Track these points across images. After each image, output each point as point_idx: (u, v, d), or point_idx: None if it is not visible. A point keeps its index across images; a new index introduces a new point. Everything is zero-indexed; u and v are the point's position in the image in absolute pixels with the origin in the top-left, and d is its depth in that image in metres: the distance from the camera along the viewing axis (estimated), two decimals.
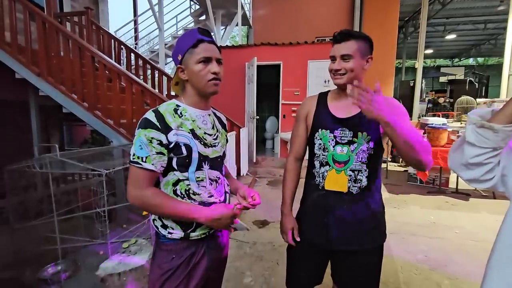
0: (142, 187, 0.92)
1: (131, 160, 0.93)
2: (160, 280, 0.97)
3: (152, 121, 0.92)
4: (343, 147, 1.10)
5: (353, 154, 1.10)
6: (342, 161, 1.10)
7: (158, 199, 0.93)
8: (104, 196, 1.94)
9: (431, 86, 12.44)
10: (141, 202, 0.93)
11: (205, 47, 0.96)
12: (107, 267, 1.73)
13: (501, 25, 10.35)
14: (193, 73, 0.97)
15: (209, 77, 0.96)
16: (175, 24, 7.74)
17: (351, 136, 1.10)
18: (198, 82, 0.98)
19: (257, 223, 3.12)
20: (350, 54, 1.07)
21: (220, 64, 0.99)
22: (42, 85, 3.15)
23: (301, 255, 1.24)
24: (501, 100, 5.37)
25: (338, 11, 7.12)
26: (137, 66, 4.83)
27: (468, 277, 2.14)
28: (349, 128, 1.10)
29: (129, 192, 0.93)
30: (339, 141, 1.11)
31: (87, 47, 3.07)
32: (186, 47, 0.96)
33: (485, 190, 4.08)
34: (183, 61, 0.98)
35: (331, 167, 1.12)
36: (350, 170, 1.10)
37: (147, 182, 0.93)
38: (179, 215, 0.94)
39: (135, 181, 0.92)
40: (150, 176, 0.93)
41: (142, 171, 0.92)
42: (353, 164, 1.10)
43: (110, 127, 3.10)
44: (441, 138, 3.77)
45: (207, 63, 0.96)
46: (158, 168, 0.93)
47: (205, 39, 0.96)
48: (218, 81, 0.99)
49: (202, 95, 1.01)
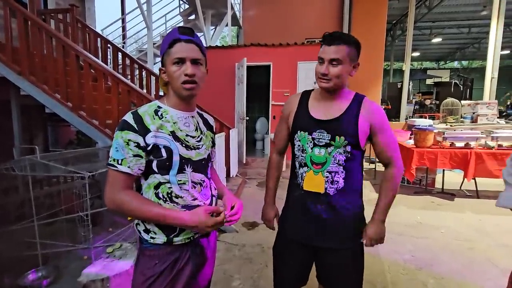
0: (118, 190, 0.90)
1: (108, 162, 0.91)
2: (143, 286, 0.94)
3: (129, 123, 0.90)
4: (321, 149, 1.12)
5: (330, 156, 1.11)
6: (320, 162, 1.12)
7: (133, 202, 0.90)
8: (87, 200, 1.87)
9: (418, 88, 12.71)
10: (115, 206, 0.91)
11: (180, 47, 0.91)
12: (90, 272, 1.67)
13: (484, 29, 10.69)
14: (169, 75, 0.94)
15: (181, 79, 0.92)
16: (164, 23, 7.63)
17: (328, 139, 1.11)
18: (174, 84, 0.95)
19: (246, 225, 3.10)
20: (340, 59, 1.06)
21: (197, 64, 0.94)
22: (24, 84, 3.04)
23: (286, 252, 1.26)
24: (484, 102, 5.52)
25: (328, 13, 7.18)
26: (124, 65, 4.73)
27: (453, 276, 2.18)
28: (327, 130, 1.11)
29: (105, 195, 0.91)
30: (317, 143, 1.13)
31: (72, 45, 2.99)
32: (165, 47, 0.94)
33: (470, 190, 4.18)
34: (163, 62, 0.96)
35: (309, 168, 1.14)
36: (327, 172, 1.12)
37: (123, 185, 0.90)
38: (154, 219, 0.92)
39: (111, 184, 0.91)
40: (126, 179, 0.91)
41: (118, 174, 0.90)
42: (330, 166, 1.12)
43: (96, 128, 3.02)
44: (427, 139, 3.84)
45: (180, 64, 0.92)
46: (135, 171, 0.91)
47: (182, 38, 0.92)
48: (193, 84, 0.94)
49: (180, 97, 0.98)
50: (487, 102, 5.52)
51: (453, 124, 5.47)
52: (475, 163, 3.61)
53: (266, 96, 5.99)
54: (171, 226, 0.95)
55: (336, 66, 1.06)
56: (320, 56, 1.10)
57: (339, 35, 1.07)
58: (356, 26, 6.68)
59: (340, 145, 1.10)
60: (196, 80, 0.94)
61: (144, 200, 0.94)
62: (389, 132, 1.16)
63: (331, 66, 1.07)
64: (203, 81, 0.99)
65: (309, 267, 1.28)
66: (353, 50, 1.08)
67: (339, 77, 1.07)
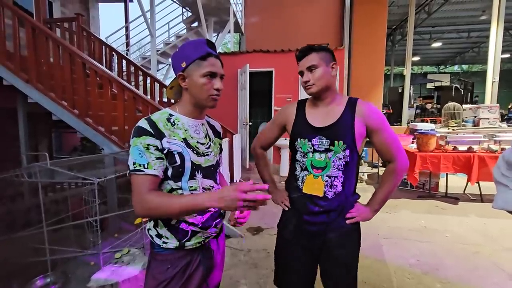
0: (146, 193, 0.88)
1: (132, 169, 0.89)
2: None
3: (145, 128, 0.92)
4: (321, 154, 1.17)
5: (330, 161, 1.16)
6: (320, 167, 1.17)
7: (163, 197, 0.89)
8: (96, 205, 1.90)
9: (419, 92, 12.75)
10: (146, 206, 0.88)
11: (213, 61, 0.96)
12: (99, 278, 1.69)
13: (483, 33, 10.76)
14: (195, 85, 0.96)
15: (212, 93, 0.97)
16: (167, 30, 7.74)
17: (328, 144, 1.16)
18: (199, 94, 0.98)
19: (251, 230, 3.10)
20: (315, 64, 1.15)
21: (222, 79, 1.00)
22: (31, 92, 3.09)
23: (288, 255, 1.29)
24: (485, 106, 5.54)
25: (328, 19, 7.27)
26: (128, 72, 4.79)
27: (459, 280, 2.18)
28: (326, 136, 1.16)
29: (135, 202, 0.89)
30: (317, 149, 1.18)
31: (78, 53, 3.04)
32: (195, 57, 0.95)
33: (473, 194, 4.18)
34: (187, 69, 0.96)
35: (310, 172, 1.19)
36: (327, 176, 1.17)
37: (150, 188, 0.90)
38: (185, 207, 0.86)
39: (139, 188, 0.89)
40: (153, 182, 0.91)
41: (146, 177, 0.89)
42: (330, 170, 1.17)
43: (102, 135, 3.05)
44: (430, 144, 3.86)
45: (212, 78, 0.96)
46: (160, 173, 0.92)
47: (213, 53, 0.97)
48: (218, 97, 1.00)
49: (198, 106, 1.02)
50: (489, 106, 5.53)
51: (455, 128, 5.48)
52: (478, 167, 3.61)
53: (269, 102, 6.04)
54: (182, 231, 0.97)
55: (314, 71, 1.15)
56: (299, 71, 1.20)
57: (307, 48, 1.18)
58: (357, 31, 6.75)
59: (339, 149, 1.14)
60: (220, 94, 1.00)
61: (171, 194, 0.95)
62: (388, 130, 1.19)
63: (310, 73, 1.16)
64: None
65: (313, 270, 1.28)
66: (324, 54, 1.17)
67: (320, 79, 1.15)
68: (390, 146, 1.19)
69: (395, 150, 1.20)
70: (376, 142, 1.20)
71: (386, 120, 1.20)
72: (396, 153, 1.20)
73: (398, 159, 1.20)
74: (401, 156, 1.20)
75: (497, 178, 1.09)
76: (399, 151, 1.20)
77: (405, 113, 7.08)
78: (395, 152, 1.20)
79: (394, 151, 1.19)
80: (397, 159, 1.20)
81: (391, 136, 1.19)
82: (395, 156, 1.20)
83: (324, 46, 1.20)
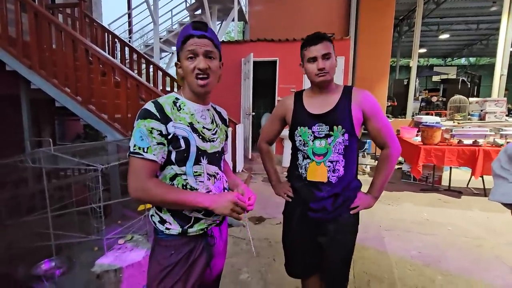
0: (144, 178, 0.88)
1: (132, 151, 0.89)
2: (159, 276, 0.96)
3: (152, 111, 0.91)
4: (321, 141, 1.21)
5: (330, 147, 1.20)
6: (321, 153, 1.21)
7: (160, 188, 0.90)
8: (100, 192, 1.90)
9: (425, 85, 12.58)
10: (143, 194, 0.89)
11: (193, 42, 0.92)
12: (103, 263, 1.70)
13: (493, 25, 10.51)
14: (184, 70, 0.96)
15: (195, 73, 0.94)
16: (170, 18, 7.64)
17: (327, 130, 1.20)
18: (188, 78, 0.96)
19: (253, 219, 3.12)
20: (330, 52, 1.18)
21: (210, 58, 0.95)
22: (34, 78, 3.08)
23: (295, 244, 1.36)
24: (492, 100, 5.46)
25: (335, 8, 7.11)
26: (131, 60, 4.75)
27: (461, 273, 2.18)
28: (325, 123, 1.20)
29: (130, 184, 0.89)
30: (317, 135, 1.21)
31: (81, 39, 3.00)
32: (179, 43, 0.96)
33: (477, 188, 4.16)
34: (179, 57, 0.97)
35: (312, 159, 1.22)
36: (329, 161, 1.21)
37: (149, 173, 0.90)
38: (180, 203, 0.91)
39: (137, 172, 0.89)
40: (152, 166, 0.90)
41: (144, 161, 0.89)
42: (331, 155, 1.20)
43: (105, 122, 3.05)
44: (434, 136, 3.82)
45: (193, 58, 0.93)
46: (159, 159, 0.91)
47: (195, 34, 0.93)
48: (206, 79, 0.95)
49: (195, 93, 0.99)
50: (496, 100, 5.45)
51: (461, 121, 5.42)
52: (483, 161, 3.58)
53: (272, 92, 5.97)
54: (185, 217, 0.96)
55: (329, 60, 1.18)
56: (310, 56, 1.18)
57: (322, 35, 1.20)
58: (364, 21, 6.61)
59: (339, 134, 1.19)
60: (209, 74, 0.95)
61: (168, 186, 0.94)
62: (381, 116, 1.23)
63: (325, 61, 1.17)
64: (217, 75, 1.00)
65: (319, 256, 1.33)
66: (332, 44, 1.21)
67: (333, 68, 1.19)
68: (384, 132, 1.24)
69: (389, 136, 1.25)
70: (370, 128, 1.24)
71: (380, 108, 1.24)
72: (390, 139, 1.25)
73: (391, 145, 1.25)
74: (394, 142, 1.25)
75: (496, 171, 1.09)
76: (392, 137, 1.25)
77: (410, 105, 6.99)
78: (389, 138, 1.25)
79: (388, 137, 1.25)
80: (391, 144, 1.25)
81: (384, 123, 1.24)
82: (389, 142, 1.25)
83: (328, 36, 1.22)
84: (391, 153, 1.25)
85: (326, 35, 1.21)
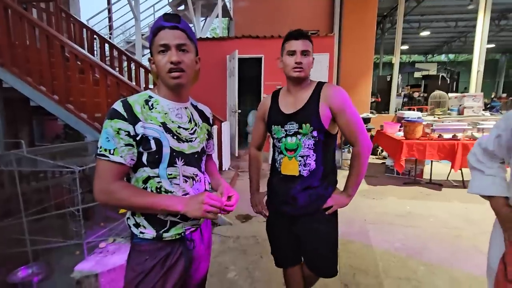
0: (109, 181, 0.84)
1: (98, 153, 0.85)
2: (134, 282, 0.91)
3: (119, 111, 0.86)
4: (292, 138, 1.26)
5: (300, 142, 1.25)
6: (292, 149, 1.26)
7: (126, 191, 0.86)
8: (78, 194, 1.83)
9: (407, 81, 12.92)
10: (108, 197, 0.85)
11: (164, 34, 0.87)
12: (83, 268, 1.64)
13: (470, 23, 10.88)
14: (156, 65, 0.91)
15: (167, 68, 0.89)
16: (152, 13, 7.44)
17: (297, 128, 1.24)
18: (160, 73, 0.91)
19: (240, 217, 3.10)
20: (309, 50, 1.23)
21: (183, 51, 0.90)
22: (6, 76, 2.92)
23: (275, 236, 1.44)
24: (470, 95, 5.66)
25: (319, 5, 7.14)
26: (112, 57, 4.60)
27: (442, 263, 2.26)
28: (295, 121, 1.25)
29: (95, 187, 0.85)
30: (288, 133, 1.27)
31: (56, 35, 2.87)
32: (150, 38, 0.91)
33: (456, 180, 4.31)
34: (151, 52, 0.92)
35: (284, 155, 1.28)
36: (299, 156, 1.26)
37: (115, 176, 0.85)
38: (149, 207, 0.87)
39: (102, 175, 0.85)
40: (119, 169, 0.86)
41: (110, 164, 0.85)
42: (302, 150, 1.25)
43: (84, 122, 2.94)
44: (416, 131, 3.92)
45: (165, 52, 0.88)
46: (127, 161, 0.87)
47: (166, 25, 0.87)
48: (180, 72, 0.90)
49: (170, 88, 0.94)
50: (473, 95, 5.66)
51: (441, 116, 5.59)
52: (462, 154, 3.70)
53: (258, 89, 5.95)
54: (160, 221, 0.92)
55: (307, 57, 1.22)
56: (290, 50, 1.22)
57: (304, 33, 1.23)
58: (347, 18, 6.68)
59: (307, 131, 1.22)
60: (183, 68, 0.90)
61: (137, 189, 0.90)
62: (350, 111, 1.23)
63: (303, 56, 1.21)
64: (192, 68, 0.95)
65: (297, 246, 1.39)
66: (311, 44, 1.25)
67: (310, 66, 1.24)
68: (353, 128, 1.24)
69: (358, 133, 1.24)
70: (339, 124, 1.25)
71: (349, 102, 1.24)
72: (359, 135, 1.24)
73: (360, 143, 1.25)
74: (363, 139, 1.25)
75: (473, 164, 1.12)
76: (361, 134, 1.25)
77: (393, 101, 7.16)
78: (358, 135, 1.24)
79: (357, 133, 1.24)
80: (360, 142, 1.24)
81: (353, 118, 1.24)
82: (358, 138, 1.24)
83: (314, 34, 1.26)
84: (359, 151, 1.25)
85: (308, 34, 1.24)
